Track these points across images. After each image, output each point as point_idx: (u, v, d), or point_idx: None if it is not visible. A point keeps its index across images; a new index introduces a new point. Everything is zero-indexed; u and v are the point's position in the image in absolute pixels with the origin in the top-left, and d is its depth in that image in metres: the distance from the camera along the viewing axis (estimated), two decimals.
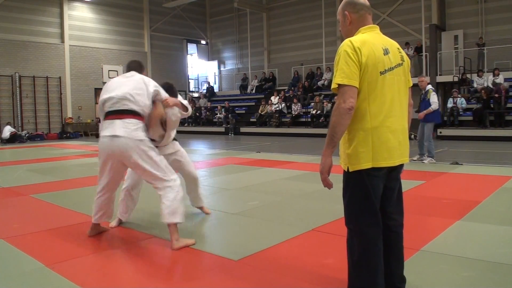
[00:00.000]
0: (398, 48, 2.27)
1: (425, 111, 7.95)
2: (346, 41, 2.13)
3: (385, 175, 2.18)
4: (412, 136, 13.52)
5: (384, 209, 2.23)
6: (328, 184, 2.13)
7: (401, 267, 2.31)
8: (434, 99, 7.95)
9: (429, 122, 8.04)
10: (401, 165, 2.25)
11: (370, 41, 2.14)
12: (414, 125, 12.43)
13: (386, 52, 2.17)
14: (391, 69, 2.17)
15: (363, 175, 2.12)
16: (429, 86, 8.28)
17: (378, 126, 2.11)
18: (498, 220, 3.94)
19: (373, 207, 2.14)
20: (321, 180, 2.13)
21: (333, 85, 2.10)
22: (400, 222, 2.31)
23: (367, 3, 2.29)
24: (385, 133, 2.13)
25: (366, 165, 2.10)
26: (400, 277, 2.29)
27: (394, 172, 2.24)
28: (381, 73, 2.12)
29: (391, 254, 2.23)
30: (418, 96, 8.16)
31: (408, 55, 11.33)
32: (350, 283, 2.23)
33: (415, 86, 4.31)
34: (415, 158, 8.16)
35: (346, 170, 2.17)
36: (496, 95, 13.25)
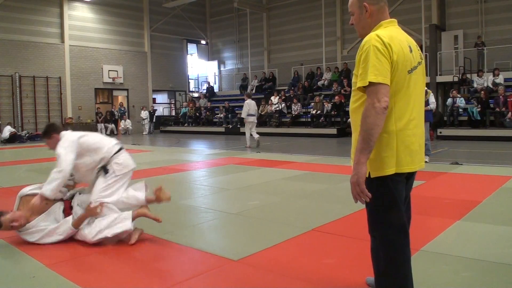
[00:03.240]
0: (416, 46, 2.12)
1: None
2: (373, 35, 1.95)
3: (404, 180, 2.07)
4: None
5: None
6: (367, 196, 1.90)
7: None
8: (432, 99, 8.19)
9: (426, 122, 8.08)
10: (415, 172, 2.14)
11: (397, 37, 1.99)
12: None
13: (410, 49, 2.02)
14: (415, 68, 2.04)
15: (388, 181, 1.98)
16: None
17: (402, 128, 1.98)
18: (498, 220, 3.94)
19: (400, 214, 2.02)
20: (355, 193, 1.91)
21: (363, 83, 1.90)
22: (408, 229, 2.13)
23: None
24: (409, 136, 2.00)
25: (390, 170, 1.96)
26: None
27: (411, 177, 2.14)
28: (409, 72, 1.99)
29: None
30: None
31: None
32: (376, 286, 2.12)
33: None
34: (426, 160, 7.98)
35: (367, 176, 1.95)
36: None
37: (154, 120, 22.19)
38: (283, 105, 18.68)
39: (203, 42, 26.33)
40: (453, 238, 3.46)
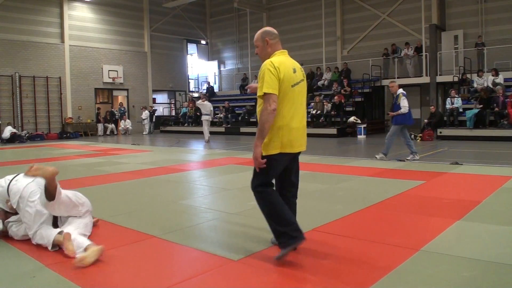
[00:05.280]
0: (300, 68, 3.12)
1: (394, 113, 8.52)
2: (268, 61, 2.93)
3: (288, 159, 3.02)
4: (413, 136, 13.58)
5: (283, 183, 3.15)
6: (261, 164, 2.87)
7: (294, 214, 3.18)
8: (404, 103, 8.40)
9: (398, 124, 8.54)
10: (299, 153, 3.12)
11: (284, 62, 2.96)
12: (412, 125, 12.45)
13: (294, 71, 3.00)
14: (297, 83, 3.00)
15: (272, 158, 2.91)
16: (400, 90, 8.69)
17: (287, 123, 2.92)
18: (498, 220, 3.94)
19: (272, 177, 3.02)
20: (256, 165, 2.89)
21: (260, 93, 2.86)
22: (294, 193, 3.22)
23: (277, 33, 3.18)
24: (291, 129, 2.94)
25: (275, 151, 2.92)
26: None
27: (296, 156, 3.13)
28: (292, 86, 2.94)
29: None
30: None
31: (408, 55, 11.47)
32: (272, 230, 3.00)
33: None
34: (408, 158, 8.50)
35: (262, 154, 2.89)
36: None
37: (154, 120, 22.19)
38: None
39: (203, 42, 26.33)
40: (453, 238, 3.46)
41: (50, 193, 3.27)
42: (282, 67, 2.89)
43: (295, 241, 2.88)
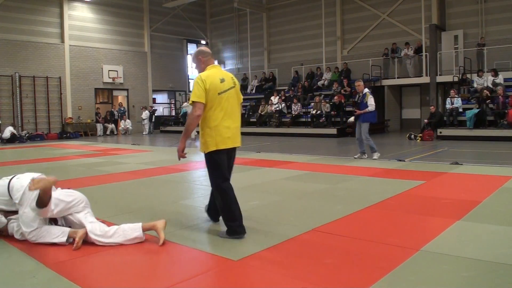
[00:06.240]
0: (232, 78, 3.71)
1: (362, 111, 8.68)
2: (198, 75, 3.56)
3: (225, 153, 3.58)
4: (413, 136, 13.56)
5: None
6: (181, 156, 3.63)
7: None
8: (371, 101, 8.56)
9: (365, 122, 8.66)
10: (234, 148, 3.70)
11: (212, 75, 3.56)
12: (411, 125, 12.54)
13: (222, 80, 3.57)
14: (225, 91, 3.56)
15: (212, 154, 3.54)
16: (366, 90, 8.87)
17: (217, 125, 3.51)
18: (498, 220, 3.94)
19: (223, 171, 3.58)
20: (178, 155, 3.63)
21: (190, 101, 3.51)
22: (230, 173, 3.79)
23: (210, 51, 3.81)
24: (222, 129, 3.52)
25: (212, 148, 3.51)
26: None
27: (231, 152, 3.70)
28: (219, 93, 3.52)
29: None
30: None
31: (408, 55, 11.54)
32: (224, 220, 3.61)
33: None
34: (356, 156, 8.81)
35: (204, 152, 3.59)
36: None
37: (154, 120, 22.18)
38: (283, 105, 18.68)
39: (203, 42, 26.32)
40: (453, 238, 3.46)
41: (43, 202, 3.31)
42: (208, 79, 3.49)
43: (237, 235, 3.53)
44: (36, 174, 3.61)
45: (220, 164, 3.54)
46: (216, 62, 3.87)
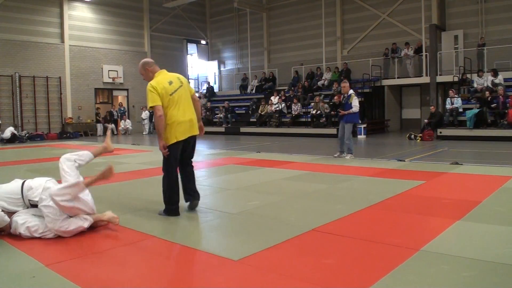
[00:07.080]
0: (178, 77, 4.34)
1: (346, 112, 8.79)
2: (149, 83, 4.15)
3: (182, 144, 4.27)
4: (413, 136, 13.57)
5: (183, 159, 4.40)
6: (165, 153, 4.22)
7: (193, 184, 4.51)
8: (355, 103, 8.75)
9: (349, 123, 8.80)
10: (192, 136, 4.34)
11: (161, 80, 4.18)
12: (411, 125, 12.55)
13: (170, 83, 4.20)
14: (175, 91, 4.20)
15: (172, 146, 4.20)
16: (351, 91, 9.01)
17: (174, 121, 4.16)
18: (498, 220, 3.94)
19: (176, 160, 4.29)
20: (163, 153, 4.22)
21: (149, 107, 4.10)
22: (190, 162, 4.53)
23: (153, 60, 4.43)
24: (179, 124, 4.18)
25: (172, 141, 4.19)
26: (192, 190, 4.50)
27: (188, 141, 4.33)
28: (170, 94, 4.15)
29: (188, 180, 4.48)
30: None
31: (408, 55, 11.57)
32: (164, 201, 4.33)
33: None
34: (335, 155, 8.98)
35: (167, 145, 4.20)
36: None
37: (154, 120, 22.15)
38: (283, 105, 18.68)
39: (203, 42, 26.32)
40: (453, 238, 3.46)
41: (104, 176, 3.96)
42: (158, 85, 4.10)
43: (172, 215, 4.26)
44: (48, 178, 3.81)
45: (174, 155, 4.24)
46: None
